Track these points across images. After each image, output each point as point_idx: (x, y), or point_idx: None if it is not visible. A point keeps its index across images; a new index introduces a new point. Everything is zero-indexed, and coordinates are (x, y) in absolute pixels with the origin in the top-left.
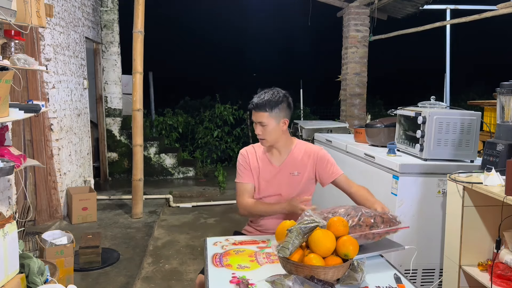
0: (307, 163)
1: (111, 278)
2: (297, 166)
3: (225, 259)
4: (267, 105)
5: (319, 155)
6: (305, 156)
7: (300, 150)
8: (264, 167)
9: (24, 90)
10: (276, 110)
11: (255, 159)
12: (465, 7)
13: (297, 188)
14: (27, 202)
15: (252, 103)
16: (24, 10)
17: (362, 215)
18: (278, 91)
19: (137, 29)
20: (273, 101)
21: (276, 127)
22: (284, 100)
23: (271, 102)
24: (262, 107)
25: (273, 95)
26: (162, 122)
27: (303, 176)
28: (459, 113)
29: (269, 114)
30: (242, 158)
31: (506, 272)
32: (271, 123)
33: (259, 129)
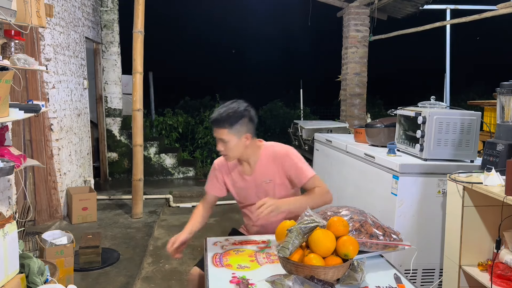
0: (275, 169)
1: (111, 278)
2: (267, 174)
3: (225, 259)
4: (227, 121)
5: (284, 159)
6: (272, 162)
7: (267, 157)
8: (237, 180)
9: (24, 90)
10: (236, 126)
11: (227, 172)
12: (465, 7)
13: (275, 195)
14: (27, 202)
15: (211, 118)
16: (24, 10)
17: (365, 222)
18: (239, 105)
19: (137, 29)
20: (233, 117)
21: (238, 143)
22: (245, 115)
23: (230, 118)
24: (221, 123)
25: (233, 110)
26: (162, 122)
27: (275, 183)
28: (459, 113)
29: (228, 131)
30: (213, 171)
31: (506, 272)
32: (232, 140)
33: (220, 145)
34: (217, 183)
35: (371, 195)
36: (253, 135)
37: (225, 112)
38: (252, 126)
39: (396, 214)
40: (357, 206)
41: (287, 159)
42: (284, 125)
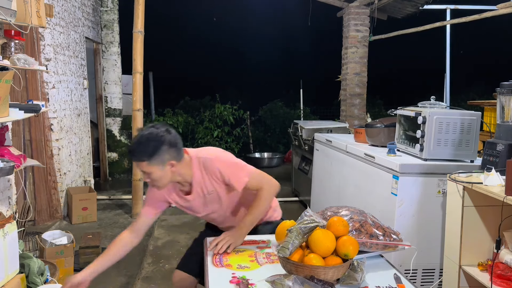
0: (211, 180)
1: (111, 278)
2: (206, 187)
3: (225, 259)
4: (143, 154)
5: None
6: (205, 174)
7: (199, 170)
8: (179, 200)
9: (24, 90)
10: (155, 157)
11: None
12: (465, 7)
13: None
14: (27, 202)
15: (129, 155)
16: (24, 10)
17: (365, 222)
18: (154, 133)
19: (137, 29)
20: (149, 148)
21: (163, 173)
22: (162, 142)
23: (147, 149)
24: (138, 156)
25: (148, 141)
26: (162, 122)
27: (218, 191)
28: (459, 113)
29: (148, 163)
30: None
31: (506, 272)
32: (155, 171)
33: (145, 177)
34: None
35: (371, 195)
36: (178, 159)
37: (140, 143)
38: (175, 150)
39: (396, 214)
40: (357, 206)
41: (217, 167)
42: (284, 125)
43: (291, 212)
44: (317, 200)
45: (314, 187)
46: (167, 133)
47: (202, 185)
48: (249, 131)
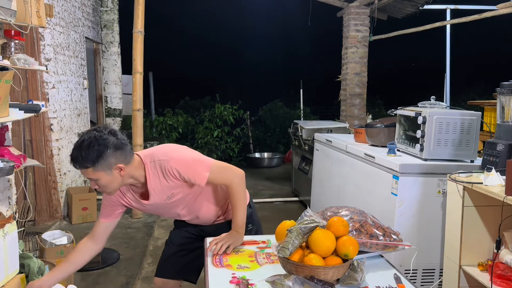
0: (169, 184)
1: (111, 278)
2: (164, 192)
3: (225, 259)
4: (86, 161)
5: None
6: (162, 177)
7: (154, 175)
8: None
9: (24, 90)
10: (100, 162)
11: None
12: (465, 7)
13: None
14: (27, 202)
15: (72, 163)
16: (24, 10)
17: (365, 222)
18: (95, 137)
19: (137, 29)
20: (91, 154)
21: (111, 178)
22: (106, 146)
23: (89, 156)
24: (80, 163)
25: (89, 146)
26: (162, 122)
27: (178, 194)
28: (459, 113)
29: (93, 169)
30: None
31: (506, 272)
32: (102, 177)
33: (94, 185)
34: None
35: (371, 195)
36: (127, 162)
37: (81, 149)
38: (122, 152)
39: (396, 214)
40: (357, 206)
41: (174, 168)
42: (284, 125)
43: (291, 212)
44: (317, 200)
45: (314, 187)
46: (111, 136)
47: (160, 191)
48: (249, 131)
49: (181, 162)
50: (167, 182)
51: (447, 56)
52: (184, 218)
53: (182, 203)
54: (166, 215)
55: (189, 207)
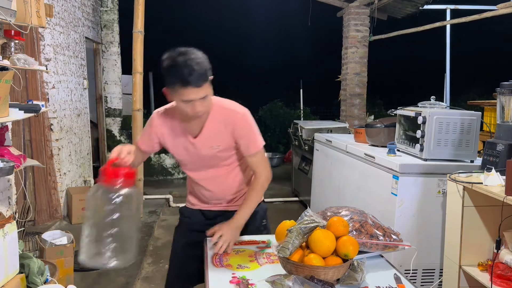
0: (225, 133)
1: (111, 278)
2: (215, 139)
3: (225, 259)
4: (208, 71)
5: (237, 124)
6: (222, 124)
7: (218, 117)
8: (180, 140)
9: (24, 90)
10: (210, 74)
11: (169, 127)
12: (465, 7)
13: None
14: (27, 202)
15: (188, 80)
16: (24, 10)
17: (365, 223)
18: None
19: (137, 29)
20: (206, 61)
21: (211, 91)
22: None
23: (207, 65)
24: (203, 78)
25: (199, 59)
26: None
27: (224, 148)
28: (459, 113)
29: (208, 83)
30: (150, 127)
31: (506, 272)
32: (210, 90)
33: (201, 106)
34: (150, 141)
35: (371, 195)
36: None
37: (197, 66)
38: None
39: (396, 214)
40: (357, 206)
41: (241, 123)
42: (284, 125)
43: (291, 212)
44: (317, 200)
45: (314, 187)
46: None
47: (212, 135)
48: None
49: (248, 123)
50: (224, 130)
51: (447, 56)
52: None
53: (218, 162)
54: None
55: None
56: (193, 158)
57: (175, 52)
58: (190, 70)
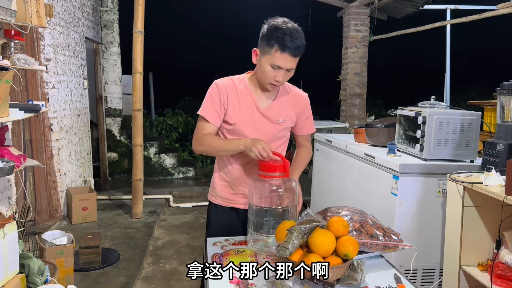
0: (293, 110)
1: (111, 278)
2: (283, 113)
3: (225, 259)
4: (303, 48)
5: (306, 104)
6: (291, 101)
7: (286, 93)
8: (247, 109)
9: (24, 90)
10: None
11: (235, 99)
12: (465, 7)
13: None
14: (27, 202)
15: (292, 46)
16: (24, 10)
17: (365, 223)
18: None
19: (137, 29)
20: (304, 43)
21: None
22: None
23: (304, 46)
24: (300, 50)
25: (302, 33)
26: (162, 122)
27: (286, 123)
28: (459, 113)
29: (299, 58)
30: (216, 92)
31: (506, 272)
32: (295, 67)
33: (283, 76)
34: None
35: (371, 195)
36: None
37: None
38: None
39: (396, 214)
40: (357, 206)
41: (305, 104)
42: None
43: None
44: (317, 200)
45: (314, 187)
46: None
47: (281, 109)
48: None
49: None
50: (292, 108)
51: (447, 56)
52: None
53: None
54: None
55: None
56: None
57: (279, 18)
58: (295, 37)
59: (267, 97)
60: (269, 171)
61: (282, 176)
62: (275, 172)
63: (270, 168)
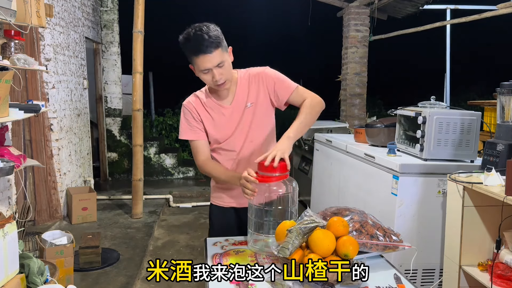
0: (256, 88)
1: (111, 278)
2: (248, 97)
3: (225, 259)
4: (218, 39)
5: (264, 76)
6: (253, 82)
7: (245, 78)
8: (216, 114)
9: (24, 90)
10: (223, 40)
11: (203, 110)
12: (465, 7)
13: (255, 121)
14: (27, 202)
15: (200, 47)
16: (24, 10)
17: (366, 223)
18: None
19: (137, 29)
20: (217, 32)
21: (229, 61)
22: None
23: (218, 34)
24: (215, 44)
25: (211, 29)
26: (162, 122)
27: (258, 105)
28: (459, 113)
29: (221, 49)
30: (188, 112)
31: (506, 272)
32: (227, 58)
33: (220, 73)
34: (200, 128)
35: (371, 195)
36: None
37: (209, 31)
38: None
39: (396, 214)
40: (357, 206)
41: (266, 75)
42: (284, 125)
43: None
44: (317, 200)
45: (314, 187)
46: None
47: (244, 95)
48: None
49: (273, 72)
50: (257, 88)
51: (447, 56)
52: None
53: (256, 131)
54: (230, 133)
55: (253, 134)
56: (229, 124)
57: (188, 29)
58: (200, 38)
59: (230, 95)
60: (267, 171)
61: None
62: (274, 172)
63: (268, 169)
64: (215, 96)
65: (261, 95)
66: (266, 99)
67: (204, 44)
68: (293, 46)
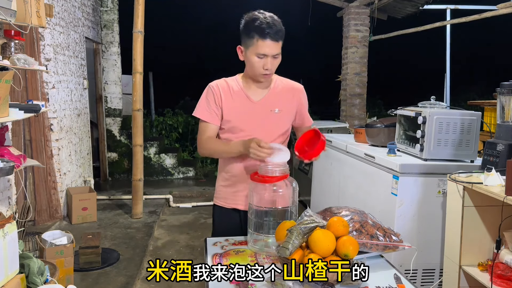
0: (289, 100)
1: (111, 278)
2: (278, 103)
3: (225, 259)
4: (283, 32)
5: (303, 94)
6: (287, 92)
7: (283, 85)
8: (240, 104)
9: (24, 90)
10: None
11: (229, 96)
12: (465, 7)
13: (273, 127)
14: (27, 202)
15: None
16: (24, 10)
17: (366, 223)
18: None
19: (137, 29)
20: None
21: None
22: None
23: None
24: (281, 34)
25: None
26: (162, 122)
27: (283, 114)
28: (459, 113)
29: (281, 42)
30: (211, 94)
31: (506, 272)
32: (280, 52)
33: (271, 63)
34: (216, 112)
35: (371, 195)
36: None
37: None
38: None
39: (396, 214)
40: (357, 206)
41: (303, 94)
42: None
43: None
44: (317, 200)
45: (314, 187)
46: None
47: (276, 99)
48: None
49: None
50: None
51: (447, 56)
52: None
53: (275, 130)
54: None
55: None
56: (251, 118)
57: (255, 11)
58: (271, 23)
59: (261, 90)
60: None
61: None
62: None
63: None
64: (247, 88)
65: (291, 107)
66: (293, 112)
67: (275, 31)
68: (293, 46)
